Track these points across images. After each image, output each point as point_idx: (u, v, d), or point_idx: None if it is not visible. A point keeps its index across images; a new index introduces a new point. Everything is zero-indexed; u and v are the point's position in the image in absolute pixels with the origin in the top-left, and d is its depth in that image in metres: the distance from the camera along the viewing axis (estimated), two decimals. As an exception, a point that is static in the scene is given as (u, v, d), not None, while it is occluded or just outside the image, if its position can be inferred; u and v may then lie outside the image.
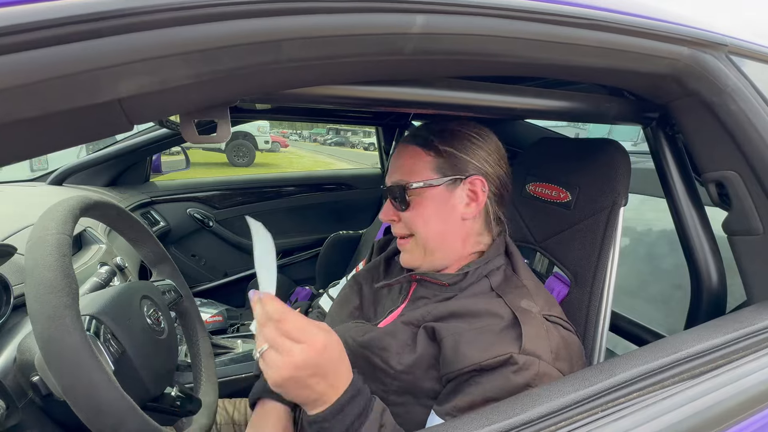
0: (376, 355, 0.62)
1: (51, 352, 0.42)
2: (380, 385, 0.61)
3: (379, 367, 0.61)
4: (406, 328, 0.63)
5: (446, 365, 0.56)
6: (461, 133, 0.69)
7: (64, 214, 0.52)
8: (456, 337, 0.57)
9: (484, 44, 0.43)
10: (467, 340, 0.56)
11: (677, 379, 0.43)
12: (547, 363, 0.52)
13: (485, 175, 0.67)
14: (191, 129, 0.42)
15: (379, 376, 0.61)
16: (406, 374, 0.59)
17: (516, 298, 0.61)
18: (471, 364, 0.54)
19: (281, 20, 0.34)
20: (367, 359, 0.63)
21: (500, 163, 0.70)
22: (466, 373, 0.54)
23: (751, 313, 0.57)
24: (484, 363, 0.53)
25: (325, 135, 26.03)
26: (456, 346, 0.56)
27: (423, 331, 0.61)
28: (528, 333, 0.54)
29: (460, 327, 0.58)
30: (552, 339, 0.55)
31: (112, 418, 0.44)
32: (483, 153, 0.68)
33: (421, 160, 0.68)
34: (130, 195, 1.77)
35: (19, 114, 0.27)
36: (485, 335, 0.56)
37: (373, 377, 0.61)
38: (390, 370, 0.60)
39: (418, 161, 0.68)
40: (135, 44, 0.29)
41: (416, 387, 0.59)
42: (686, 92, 0.62)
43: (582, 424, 0.38)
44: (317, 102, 0.53)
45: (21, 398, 0.54)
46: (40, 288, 0.44)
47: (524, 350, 0.52)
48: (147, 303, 0.65)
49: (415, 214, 0.68)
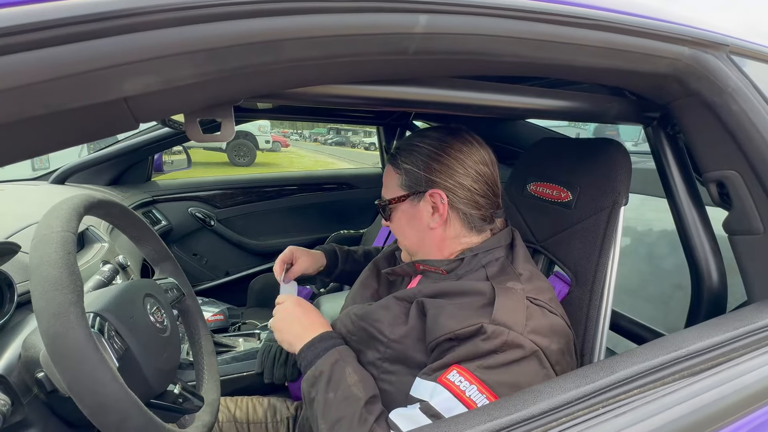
0: (372, 326, 0.68)
1: (56, 348, 0.42)
2: (375, 353, 0.67)
3: (374, 336, 0.68)
4: (399, 302, 0.69)
5: (429, 334, 0.61)
6: (420, 149, 0.73)
7: (68, 212, 0.52)
8: (438, 310, 0.62)
9: (486, 44, 0.44)
10: (448, 313, 0.60)
11: (677, 376, 0.43)
12: (517, 333, 0.55)
13: (445, 188, 0.70)
14: (195, 128, 0.42)
15: (375, 344, 0.68)
16: (398, 343, 0.65)
17: (503, 282, 0.64)
18: (447, 332, 0.58)
19: (285, 20, 0.34)
20: (364, 330, 0.70)
21: (469, 172, 0.70)
22: (444, 342, 0.59)
23: (751, 312, 0.57)
24: (459, 332, 0.57)
25: (325, 135, 26.03)
26: (437, 317, 0.61)
27: (415, 306, 0.66)
28: (501, 305, 0.58)
29: (444, 302, 0.63)
30: (532, 316, 0.58)
31: (117, 413, 0.44)
32: (443, 167, 0.70)
33: (392, 177, 0.76)
34: (132, 194, 1.78)
35: (28, 112, 0.27)
36: (465, 310, 0.60)
37: (369, 345, 0.68)
38: (383, 338, 0.66)
39: (391, 178, 0.76)
40: (141, 44, 0.29)
41: (407, 357, 0.64)
42: (687, 92, 0.62)
43: (583, 420, 0.38)
44: (320, 101, 0.53)
45: (26, 394, 0.54)
46: (46, 285, 0.44)
47: (494, 320, 0.56)
48: (150, 301, 0.66)
49: (394, 226, 0.78)
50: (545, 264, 0.89)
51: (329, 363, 0.65)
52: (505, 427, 0.36)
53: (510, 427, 0.36)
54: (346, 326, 0.74)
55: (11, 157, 0.32)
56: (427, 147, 0.72)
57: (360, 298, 0.83)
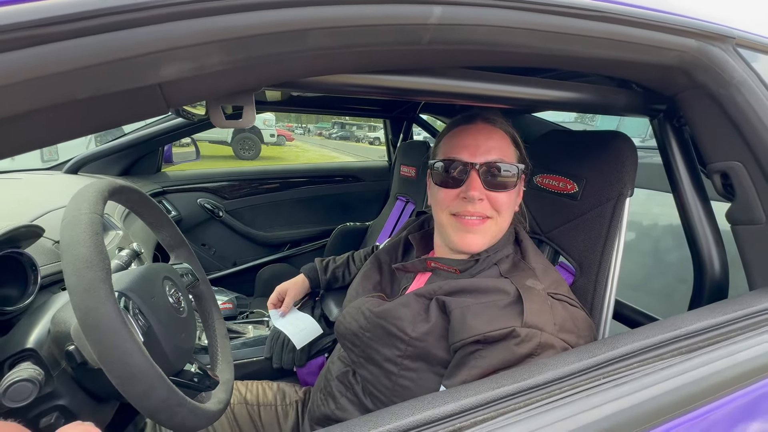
0: (392, 324, 0.66)
1: (88, 321, 0.45)
2: (395, 351, 0.65)
3: (395, 334, 0.65)
4: (418, 299, 0.67)
5: (454, 335, 0.60)
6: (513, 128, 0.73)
7: (95, 196, 0.55)
8: (464, 309, 0.60)
9: (497, 35, 0.45)
10: (474, 312, 0.59)
11: (675, 353, 0.45)
12: (549, 334, 0.55)
13: (527, 171, 0.71)
14: (219, 113, 0.45)
15: (395, 342, 0.65)
16: (420, 341, 0.63)
17: (522, 279, 0.64)
18: (476, 334, 0.57)
19: (308, 10, 0.36)
20: (383, 327, 0.67)
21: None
22: (471, 344, 0.58)
23: (750, 297, 0.59)
24: (488, 334, 0.56)
25: (330, 129, 25.95)
26: (463, 317, 0.59)
27: (435, 303, 0.65)
28: (530, 308, 0.57)
29: (467, 301, 0.61)
30: (556, 313, 0.58)
31: (144, 384, 0.47)
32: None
33: (509, 147, 0.71)
34: (143, 184, 1.81)
35: (74, 95, 0.29)
36: (491, 309, 0.59)
37: (389, 344, 0.66)
38: (405, 336, 0.64)
39: (507, 146, 0.71)
40: (177, 32, 0.31)
41: (429, 354, 0.63)
42: (693, 84, 0.63)
43: (585, 389, 0.40)
44: (334, 89, 0.55)
45: (55, 368, 0.57)
46: (77, 263, 0.47)
47: (526, 323, 0.55)
48: (169, 283, 0.69)
49: (507, 197, 0.69)
50: (550, 254, 0.91)
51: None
52: (511, 394, 0.38)
53: (516, 394, 0.39)
54: (357, 321, 0.72)
55: (53, 139, 0.34)
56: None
57: (362, 290, 0.82)
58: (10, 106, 0.29)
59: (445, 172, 0.70)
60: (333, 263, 1.23)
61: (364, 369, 0.71)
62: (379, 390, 0.67)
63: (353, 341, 0.73)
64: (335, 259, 1.25)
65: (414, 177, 1.80)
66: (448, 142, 0.73)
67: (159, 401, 0.49)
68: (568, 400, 0.39)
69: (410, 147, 1.91)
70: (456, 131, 0.73)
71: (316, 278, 1.20)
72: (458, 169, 0.68)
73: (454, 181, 0.69)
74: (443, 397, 0.39)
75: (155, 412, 0.49)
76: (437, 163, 0.71)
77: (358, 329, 0.71)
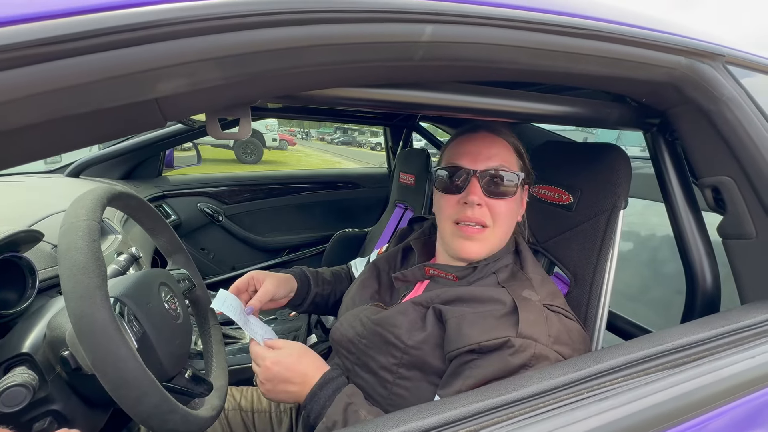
0: (388, 332, 0.66)
1: (82, 327, 0.46)
2: (391, 359, 0.65)
3: (391, 342, 0.65)
4: (416, 307, 0.67)
5: (449, 344, 0.60)
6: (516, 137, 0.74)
7: (93, 203, 0.56)
8: (460, 318, 0.61)
9: (488, 52, 0.46)
10: (470, 322, 0.60)
11: (661, 367, 0.46)
12: (544, 345, 0.55)
13: (530, 182, 0.73)
14: (216, 125, 0.46)
15: (391, 350, 0.65)
16: (416, 349, 0.63)
17: (518, 289, 0.65)
18: (471, 343, 0.57)
19: (303, 29, 0.38)
20: (380, 335, 0.67)
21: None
22: (466, 353, 0.58)
23: (738, 312, 0.59)
24: (484, 344, 0.56)
25: (332, 134, 26.07)
26: (459, 326, 0.60)
27: (432, 312, 0.65)
28: (525, 318, 0.58)
29: (464, 310, 0.62)
30: (552, 325, 0.59)
31: (136, 390, 0.47)
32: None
33: (511, 155, 0.73)
34: (144, 188, 1.83)
35: (75, 110, 0.30)
36: (487, 319, 0.60)
37: (385, 351, 0.66)
38: (401, 344, 0.64)
39: (509, 155, 0.72)
40: (174, 50, 0.32)
41: (425, 363, 0.63)
42: (684, 100, 0.65)
43: (569, 402, 0.41)
44: (331, 103, 0.56)
45: (49, 372, 0.58)
46: (74, 269, 0.47)
47: (521, 334, 0.56)
48: (165, 289, 0.69)
49: (506, 205, 0.70)
50: (546, 265, 0.91)
51: (340, 410, 0.61)
52: (496, 407, 0.39)
53: (501, 407, 0.39)
54: (354, 328, 0.72)
55: (55, 150, 0.35)
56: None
57: (360, 299, 0.81)
58: (14, 119, 0.30)
59: (447, 179, 0.72)
60: (322, 278, 1.01)
61: (358, 377, 0.71)
62: (374, 398, 0.67)
63: (348, 348, 0.73)
64: (322, 274, 1.02)
65: (413, 184, 1.81)
66: (452, 150, 0.75)
67: (151, 407, 0.49)
68: (552, 414, 0.40)
69: (409, 154, 1.92)
70: (459, 140, 0.75)
71: (306, 289, 0.94)
72: (459, 175, 0.70)
73: (456, 188, 0.71)
74: (428, 409, 0.40)
75: (147, 418, 0.49)
76: (440, 170, 0.74)
77: (354, 336, 0.72)
